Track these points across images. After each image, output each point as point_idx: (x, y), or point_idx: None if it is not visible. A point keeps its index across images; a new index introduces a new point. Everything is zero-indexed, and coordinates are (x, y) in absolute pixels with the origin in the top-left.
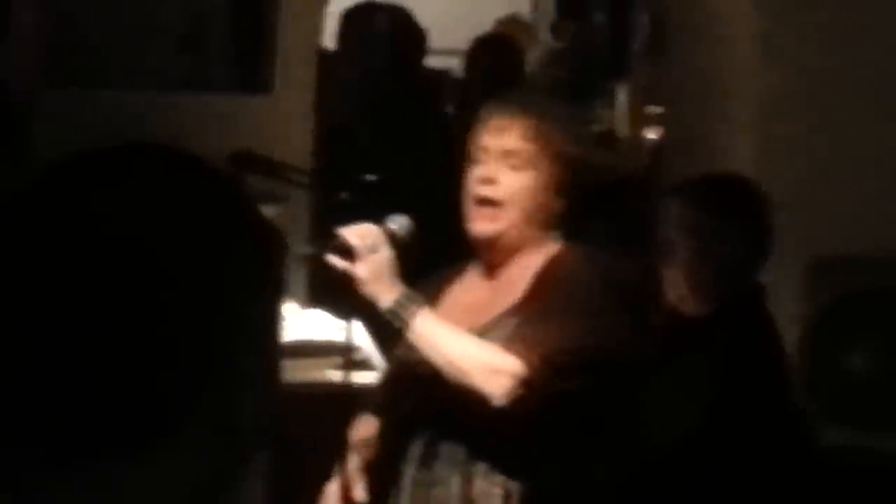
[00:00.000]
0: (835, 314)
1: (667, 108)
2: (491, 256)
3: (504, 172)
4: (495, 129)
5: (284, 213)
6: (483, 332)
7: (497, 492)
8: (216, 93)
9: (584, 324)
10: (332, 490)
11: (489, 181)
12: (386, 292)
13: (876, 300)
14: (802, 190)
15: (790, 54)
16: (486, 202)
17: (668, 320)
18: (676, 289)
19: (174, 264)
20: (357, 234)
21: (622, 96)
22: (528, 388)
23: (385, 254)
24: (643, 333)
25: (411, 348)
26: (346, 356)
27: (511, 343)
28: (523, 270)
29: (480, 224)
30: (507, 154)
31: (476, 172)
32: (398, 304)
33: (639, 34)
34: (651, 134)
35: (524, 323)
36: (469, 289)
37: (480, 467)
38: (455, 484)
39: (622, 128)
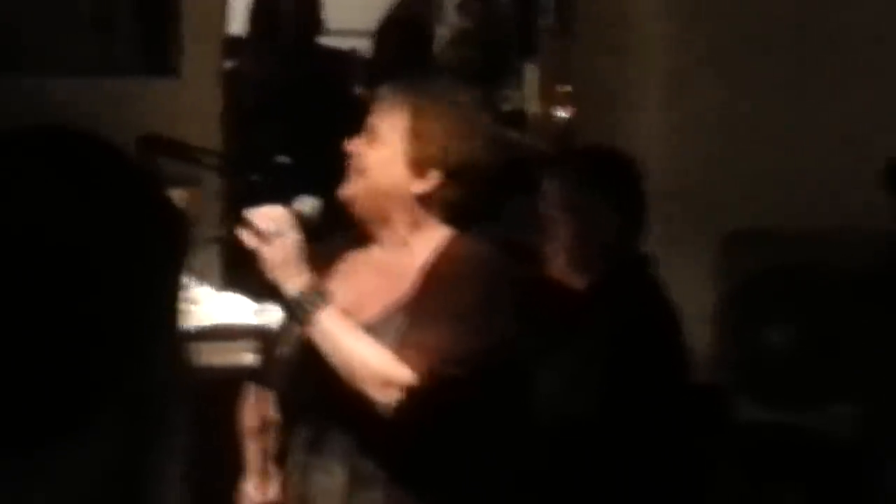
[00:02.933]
0: (750, 289)
1: (576, 86)
2: (363, 227)
3: (364, 147)
4: (379, 106)
5: (196, 195)
6: (370, 328)
7: (374, 494)
8: (123, 76)
9: (474, 325)
10: (248, 489)
11: (353, 155)
12: (291, 279)
13: (792, 275)
14: (714, 166)
15: (699, 29)
16: (352, 171)
17: (553, 295)
18: (556, 264)
19: (78, 248)
20: (264, 216)
21: (531, 75)
22: (417, 399)
23: (292, 238)
24: (531, 320)
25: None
26: (258, 339)
27: (402, 348)
28: (410, 259)
29: (342, 189)
30: (370, 130)
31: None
32: (303, 295)
33: (546, 11)
34: (561, 112)
35: (413, 324)
36: (359, 270)
37: (364, 461)
38: (339, 473)
39: (532, 106)
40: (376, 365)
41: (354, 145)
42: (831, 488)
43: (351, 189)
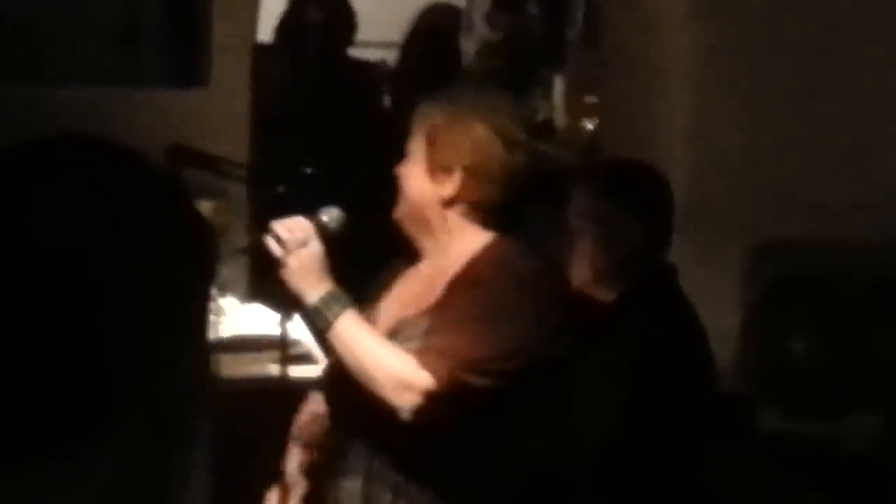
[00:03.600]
0: (774, 300)
1: (602, 97)
2: (416, 244)
3: (402, 168)
4: (418, 117)
5: (222, 206)
6: (395, 331)
7: (387, 497)
8: (151, 87)
9: (497, 331)
10: (271, 497)
11: (396, 178)
12: (312, 288)
13: (816, 286)
14: (740, 177)
15: (726, 40)
16: (399, 192)
17: (578, 306)
18: (581, 275)
19: (107, 258)
20: (286, 227)
21: (559, 86)
22: (436, 403)
23: (314, 248)
24: (558, 330)
25: None
26: (284, 350)
27: (423, 352)
28: (448, 265)
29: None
30: (419, 139)
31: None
32: (323, 302)
33: (574, 23)
34: (588, 123)
35: (435, 329)
36: (406, 282)
37: (378, 465)
38: (358, 478)
39: (560, 117)
40: (394, 369)
41: (397, 169)
42: (852, 499)
43: (396, 211)
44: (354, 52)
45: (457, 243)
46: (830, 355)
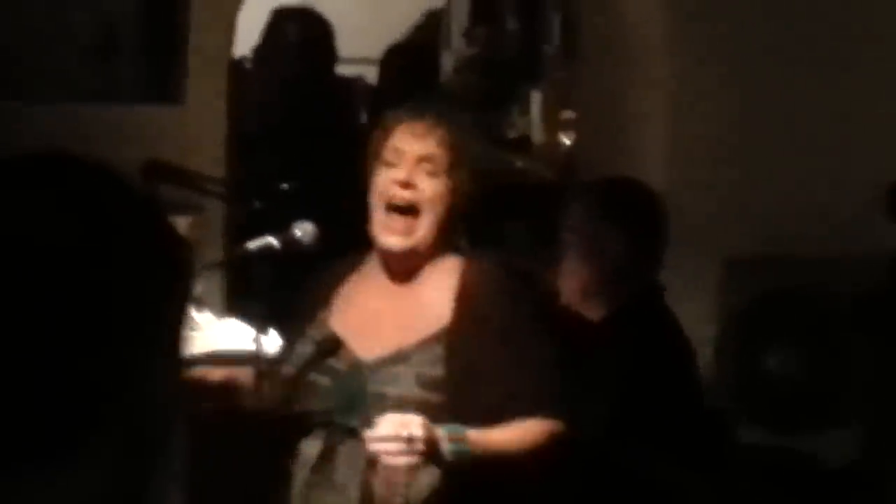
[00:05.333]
0: (751, 314)
1: (580, 112)
2: (401, 266)
3: (421, 178)
4: (412, 134)
5: (198, 222)
6: (400, 358)
7: (398, 501)
8: (127, 103)
9: (539, 352)
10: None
11: (408, 185)
12: (440, 445)
13: (792, 300)
14: (717, 192)
15: (702, 55)
16: (403, 209)
17: (567, 323)
18: (571, 292)
19: (84, 273)
20: (398, 425)
21: (536, 101)
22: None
23: (420, 430)
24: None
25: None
26: (259, 365)
27: (522, 407)
28: (437, 289)
29: (395, 238)
30: (423, 159)
31: (391, 175)
32: (455, 446)
33: (551, 38)
34: (565, 139)
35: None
36: (376, 298)
37: (379, 474)
38: (353, 490)
39: (537, 133)
40: (536, 438)
41: (407, 177)
42: None
43: (409, 237)
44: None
45: (431, 265)
46: (809, 369)
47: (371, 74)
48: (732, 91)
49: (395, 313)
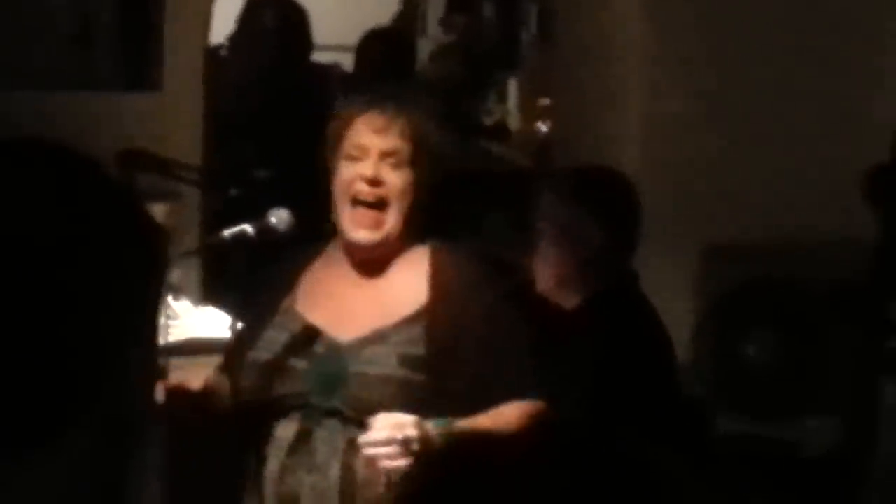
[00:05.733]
0: (729, 302)
1: (557, 99)
2: (370, 257)
3: (386, 171)
4: (373, 128)
5: (175, 209)
6: (377, 339)
7: (381, 480)
8: (104, 91)
9: (519, 335)
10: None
11: (375, 182)
12: (433, 443)
13: (770, 288)
14: (693, 179)
15: (678, 40)
16: (371, 204)
17: (541, 311)
18: (546, 280)
19: (55, 261)
20: (392, 427)
21: (513, 89)
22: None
23: (414, 430)
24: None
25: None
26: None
27: (501, 387)
28: (409, 274)
29: (363, 232)
30: (386, 154)
31: (356, 170)
32: (444, 439)
33: (528, 25)
34: (542, 126)
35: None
36: (346, 284)
37: (361, 455)
38: (334, 471)
39: (514, 120)
40: (520, 421)
41: (373, 173)
42: (808, 500)
43: (379, 230)
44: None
45: (405, 255)
46: (787, 357)
47: (347, 62)
48: (711, 77)
49: (368, 296)
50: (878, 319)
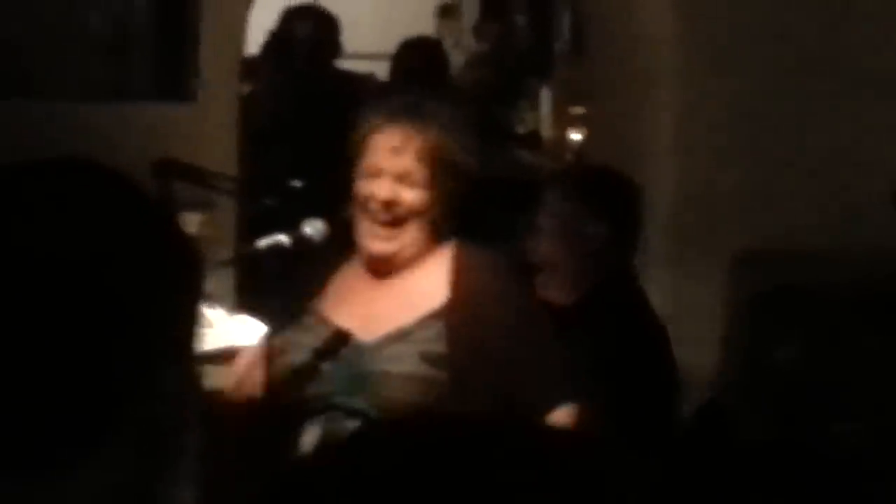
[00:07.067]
0: (759, 309)
1: (589, 108)
2: (387, 267)
3: (402, 190)
4: (388, 148)
5: (210, 219)
6: (406, 335)
7: None
8: (140, 101)
9: (544, 332)
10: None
11: (390, 204)
12: None
13: (801, 295)
14: (725, 186)
15: (711, 53)
16: (386, 223)
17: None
18: (546, 276)
19: (93, 280)
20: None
21: (546, 97)
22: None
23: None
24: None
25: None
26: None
27: (525, 385)
28: (430, 273)
29: (378, 244)
30: (401, 176)
31: (372, 190)
32: None
33: (561, 34)
34: (575, 134)
35: (452, 328)
36: (367, 286)
37: None
38: None
39: (546, 128)
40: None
41: (388, 195)
42: None
43: (394, 242)
44: (343, 64)
45: (425, 260)
46: (816, 364)
47: (382, 70)
48: (740, 86)
49: (389, 296)
50: None
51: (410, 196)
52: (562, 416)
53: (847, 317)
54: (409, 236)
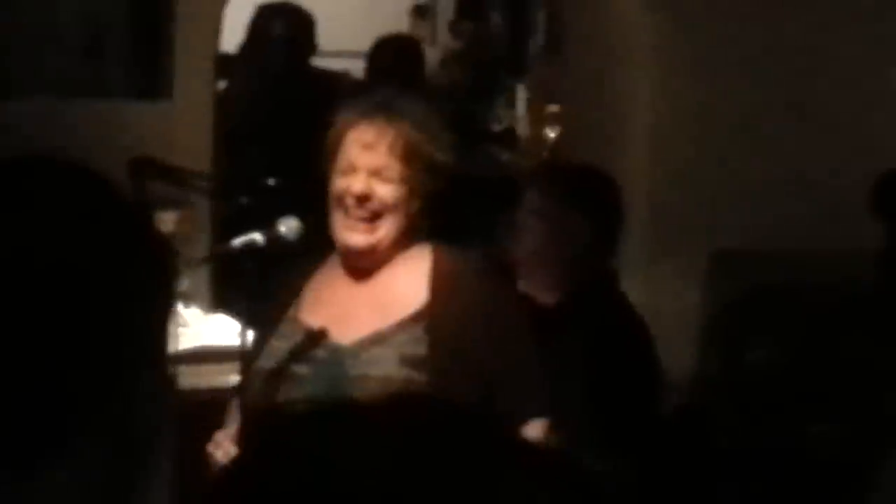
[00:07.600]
0: (736, 309)
1: (564, 106)
2: (365, 262)
3: (377, 185)
4: (362, 144)
5: (185, 217)
6: (384, 338)
7: None
8: (115, 99)
9: (524, 336)
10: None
11: (364, 198)
12: None
13: (778, 295)
14: (701, 185)
15: (686, 50)
16: (362, 218)
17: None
18: (527, 276)
19: (65, 279)
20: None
21: (522, 95)
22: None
23: None
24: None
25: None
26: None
27: (502, 392)
28: (409, 274)
29: (355, 237)
30: (375, 171)
31: (346, 185)
32: None
33: (536, 33)
34: (550, 132)
35: (431, 331)
36: (345, 289)
37: None
38: None
39: (522, 126)
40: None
41: (363, 189)
42: None
43: (370, 236)
44: (318, 63)
45: (403, 259)
46: (795, 364)
47: (358, 68)
48: (717, 83)
49: (367, 299)
50: (884, 328)
51: (384, 191)
52: (534, 429)
53: (823, 318)
54: (385, 230)
